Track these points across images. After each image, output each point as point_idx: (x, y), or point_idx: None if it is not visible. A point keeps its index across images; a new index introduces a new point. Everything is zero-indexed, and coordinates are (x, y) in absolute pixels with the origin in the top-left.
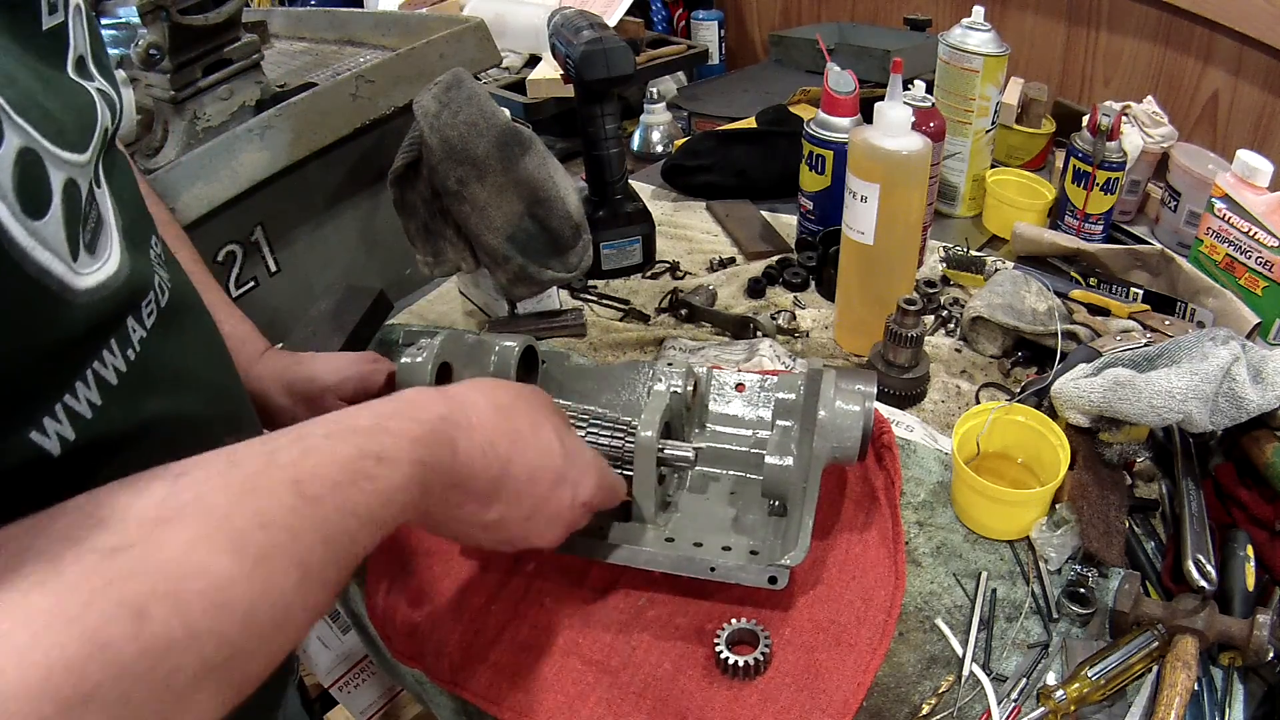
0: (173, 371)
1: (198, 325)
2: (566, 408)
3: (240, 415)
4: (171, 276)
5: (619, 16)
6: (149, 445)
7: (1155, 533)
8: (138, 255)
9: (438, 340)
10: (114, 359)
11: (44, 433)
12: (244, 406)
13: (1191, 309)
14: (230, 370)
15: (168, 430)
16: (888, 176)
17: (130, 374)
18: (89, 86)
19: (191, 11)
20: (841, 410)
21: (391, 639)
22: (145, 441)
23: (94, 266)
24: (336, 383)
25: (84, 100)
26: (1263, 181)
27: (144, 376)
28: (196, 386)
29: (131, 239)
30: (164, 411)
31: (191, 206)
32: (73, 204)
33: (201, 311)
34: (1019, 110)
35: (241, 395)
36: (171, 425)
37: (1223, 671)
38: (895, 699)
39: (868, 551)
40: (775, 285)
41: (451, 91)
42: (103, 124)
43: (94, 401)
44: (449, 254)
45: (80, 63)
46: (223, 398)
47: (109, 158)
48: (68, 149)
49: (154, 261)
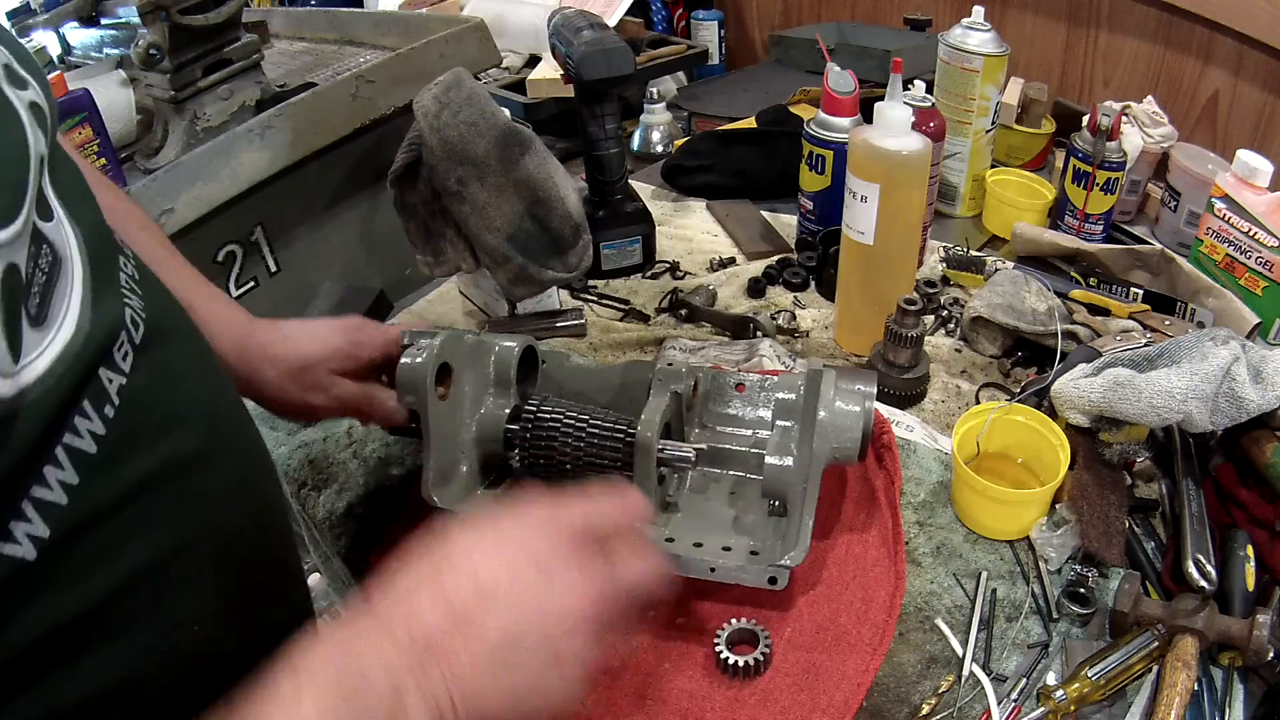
0: (162, 414)
1: (184, 345)
2: (566, 409)
3: (238, 438)
4: (146, 298)
5: (619, 16)
6: (144, 505)
7: (1155, 533)
8: (104, 292)
9: (438, 340)
10: (90, 423)
11: (10, 539)
12: (242, 426)
13: (1191, 309)
14: (222, 385)
15: (164, 483)
16: (888, 176)
17: (113, 433)
18: (18, 102)
19: (191, 11)
20: (841, 410)
21: None
22: (139, 502)
23: (41, 346)
24: (324, 355)
25: (13, 137)
26: (1263, 181)
27: (130, 430)
28: (191, 422)
29: (98, 269)
30: (157, 463)
31: (191, 206)
32: (9, 293)
33: (185, 325)
34: (1019, 110)
35: (237, 411)
36: (168, 475)
37: (1223, 671)
38: (895, 699)
39: (868, 551)
40: (775, 285)
41: (451, 91)
42: (37, 151)
43: (69, 482)
44: (449, 254)
45: (9, 71)
46: (220, 425)
47: (56, 174)
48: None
49: (124, 289)
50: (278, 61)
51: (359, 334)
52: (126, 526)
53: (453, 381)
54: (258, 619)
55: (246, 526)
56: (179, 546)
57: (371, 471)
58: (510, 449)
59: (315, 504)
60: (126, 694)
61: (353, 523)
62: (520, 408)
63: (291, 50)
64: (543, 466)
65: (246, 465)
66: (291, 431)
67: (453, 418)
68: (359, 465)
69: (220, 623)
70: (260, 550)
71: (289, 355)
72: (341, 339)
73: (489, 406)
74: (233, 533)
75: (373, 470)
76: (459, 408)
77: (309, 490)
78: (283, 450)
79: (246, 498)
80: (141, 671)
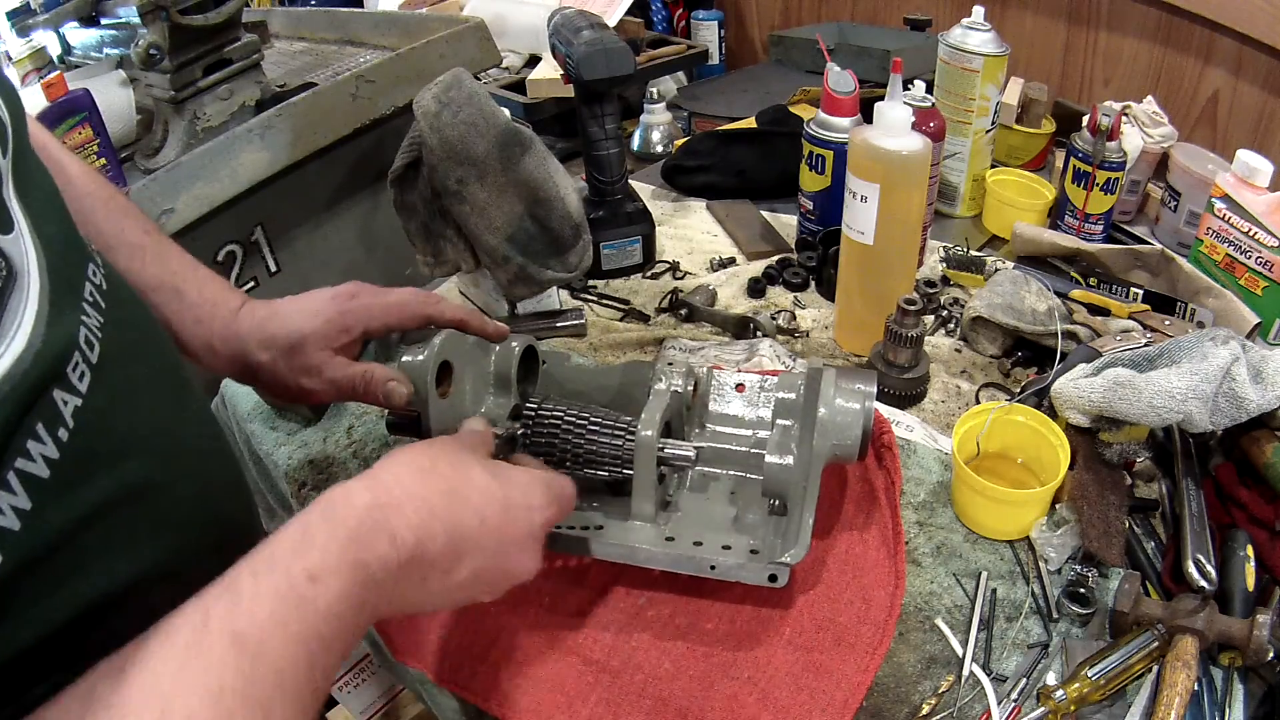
0: (120, 436)
1: (147, 364)
2: (566, 408)
3: (203, 459)
4: (110, 312)
5: (619, 16)
6: (101, 532)
7: (1155, 533)
8: (62, 306)
9: (438, 340)
10: (43, 446)
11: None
12: (207, 446)
13: (1191, 309)
14: (186, 404)
15: (122, 508)
16: (888, 176)
17: (67, 457)
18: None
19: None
20: (842, 408)
21: (392, 638)
22: (95, 529)
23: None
24: (316, 329)
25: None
26: (1263, 181)
27: (86, 453)
28: (151, 445)
29: (58, 282)
30: (115, 487)
31: (191, 206)
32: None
33: (152, 342)
34: (1019, 110)
35: (201, 430)
36: (126, 500)
37: (1223, 671)
38: (895, 699)
39: (868, 551)
40: (775, 285)
41: (451, 91)
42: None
43: (21, 507)
44: (449, 254)
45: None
46: (182, 447)
47: (21, 184)
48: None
49: (86, 304)
50: (278, 61)
51: (351, 302)
52: (83, 553)
53: (453, 380)
54: None
55: (207, 550)
56: (139, 573)
57: None
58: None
59: None
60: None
61: None
62: (520, 407)
63: (291, 50)
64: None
65: (210, 487)
66: (291, 431)
67: (453, 417)
68: (359, 465)
69: None
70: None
71: (280, 334)
72: (333, 309)
73: (489, 406)
74: (194, 557)
75: None
76: (459, 407)
77: (309, 490)
78: (283, 450)
79: (210, 522)
80: None
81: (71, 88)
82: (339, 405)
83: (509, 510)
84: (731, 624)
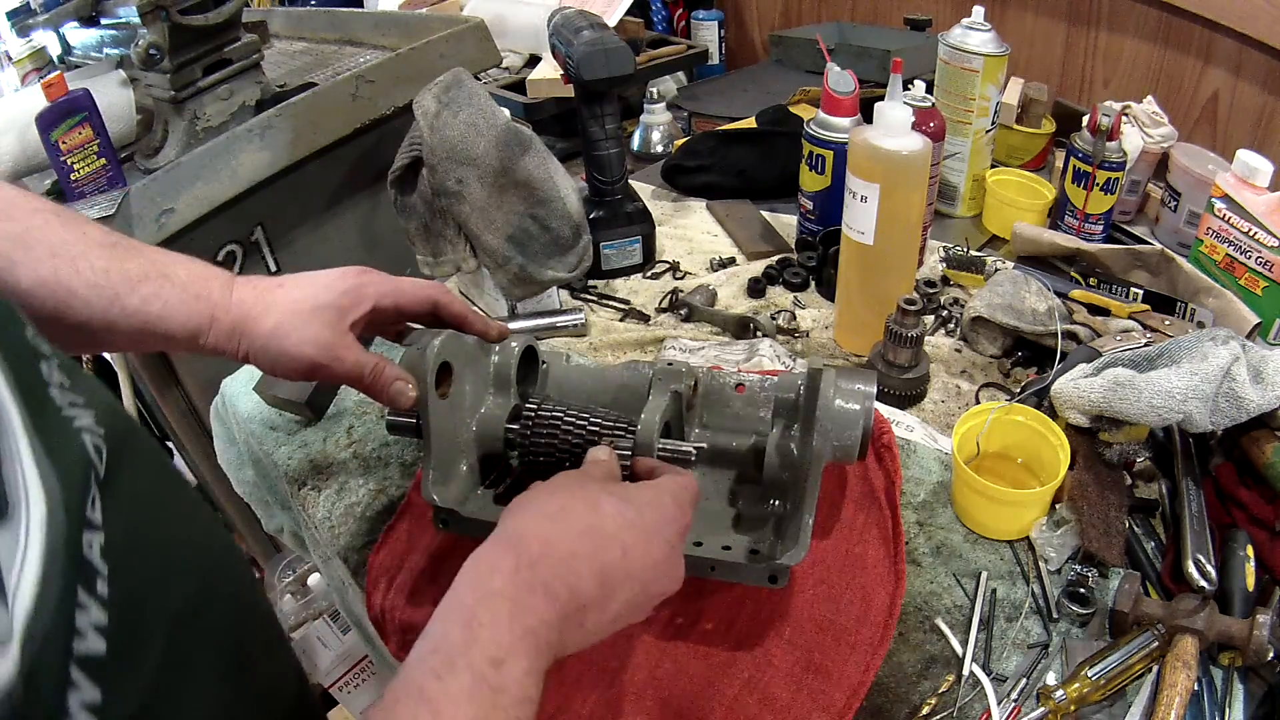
0: (157, 560)
1: (143, 453)
2: (567, 408)
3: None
4: (89, 403)
5: (619, 16)
6: (172, 687)
7: (1155, 533)
8: (51, 428)
9: (438, 340)
10: (89, 614)
11: None
12: (218, 528)
13: (1191, 309)
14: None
15: (183, 646)
16: (888, 176)
17: (115, 613)
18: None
19: (191, 11)
20: (841, 408)
21: (391, 639)
22: (166, 688)
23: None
24: (328, 300)
25: None
26: (1263, 181)
27: (131, 598)
28: (183, 554)
29: (32, 401)
30: (169, 622)
31: (191, 206)
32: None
33: (133, 426)
34: (1019, 110)
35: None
36: (185, 636)
37: (1223, 671)
38: (895, 699)
39: (868, 551)
40: (775, 285)
41: (451, 91)
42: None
43: (93, 703)
44: (449, 254)
45: None
46: (206, 541)
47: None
48: None
49: (67, 409)
50: (278, 61)
51: (361, 277)
52: (170, 700)
53: (453, 381)
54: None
55: (258, 649)
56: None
57: (371, 471)
58: (510, 449)
59: (315, 504)
60: None
61: (352, 522)
62: (520, 407)
63: (291, 50)
64: (543, 466)
65: (239, 578)
66: (291, 431)
67: (453, 417)
68: (359, 465)
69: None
70: (270, 666)
71: (284, 302)
72: (345, 282)
73: (489, 406)
74: (247, 661)
75: (372, 470)
76: (459, 407)
77: (309, 490)
78: (283, 450)
79: (246, 611)
80: None
81: (71, 88)
82: (339, 405)
83: (647, 533)
84: (731, 624)
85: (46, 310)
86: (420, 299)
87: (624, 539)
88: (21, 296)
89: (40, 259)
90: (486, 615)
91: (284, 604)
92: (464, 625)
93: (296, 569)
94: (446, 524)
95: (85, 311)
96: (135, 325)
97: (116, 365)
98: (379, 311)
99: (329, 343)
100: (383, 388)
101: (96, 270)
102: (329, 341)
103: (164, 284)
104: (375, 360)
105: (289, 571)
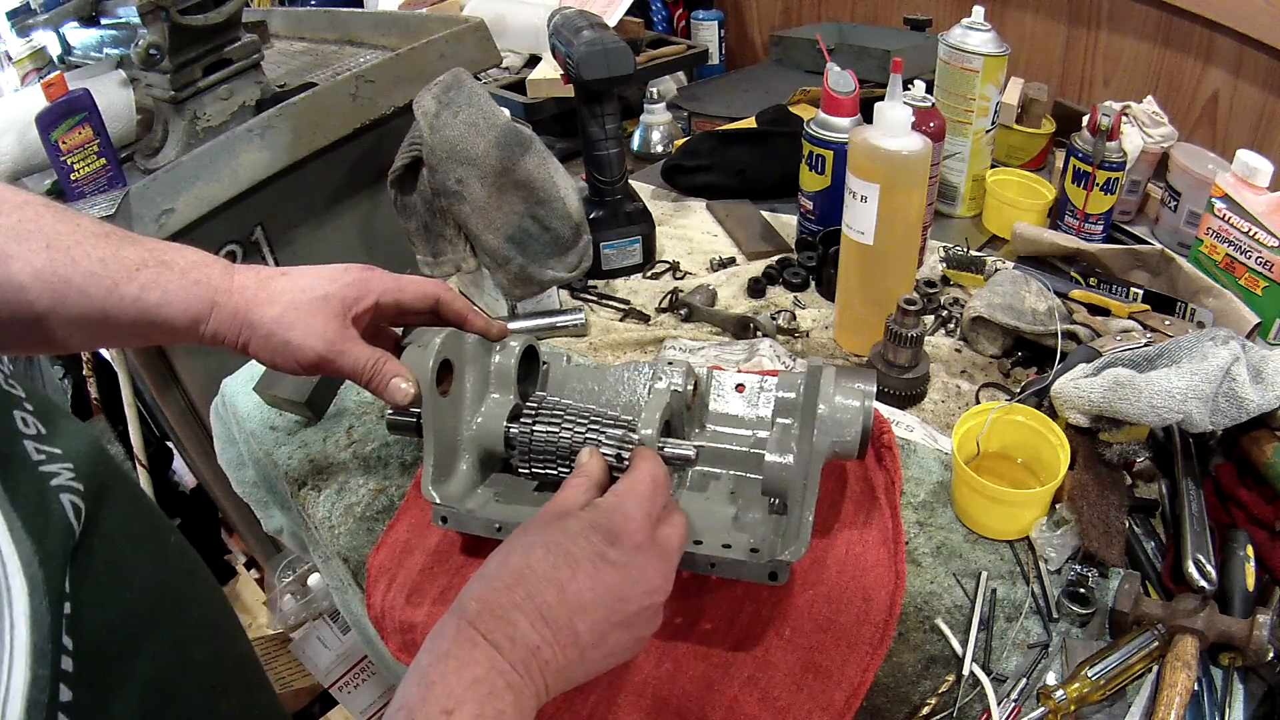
0: (124, 631)
1: (122, 497)
2: (567, 408)
3: (194, 592)
4: (64, 449)
5: (619, 16)
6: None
7: (1155, 533)
8: (27, 493)
9: (439, 339)
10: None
11: None
12: (194, 572)
13: (1191, 309)
14: (167, 535)
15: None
16: (888, 176)
17: (82, 692)
18: None
19: (191, 11)
20: (842, 405)
21: (391, 639)
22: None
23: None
24: (332, 292)
25: None
26: (1263, 181)
27: (100, 677)
28: (152, 611)
29: (8, 464)
30: (142, 690)
31: (191, 206)
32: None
33: (112, 463)
34: (1019, 110)
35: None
36: (157, 701)
37: (1223, 671)
38: (895, 699)
39: (868, 551)
40: (775, 285)
41: (451, 91)
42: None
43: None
44: (449, 254)
45: None
46: (178, 590)
47: None
48: None
49: (42, 463)
50: (278, 61)
51: (366, 272)
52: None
53: (453, 380)
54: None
55: (234, 701)
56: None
57: (371, 471)
58: (510, 448)
59: (315, 504)
60: None
61: (352, 522)
62: (520, 407)
63: (291, 50)
64: (542, 465)
65: (214, 613)
66: (291, 431)
67: (453, 415)
68: (359, 465)
69: None
70: (246, 715)
71: (286, 292)
72: (349, 275)
73: (489, 405)
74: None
75: (372, 470)
76: (459, 406)
77: (309, 490)
78: (283, 450)
79: (221, 667)
80: None
81: (71, 88)
82: (339, 405)
83: (592, 560)
84: (731, 624)
85: (43, 304)
86: (422, 296)
87: (558, 577)
88: (17, 291)
89: (35, 251)
90: (437, 673)
91: (284, 604)
92: (420, 685)
93: (296, 569)
94: (446, 521)
95: (83, 303)
96: (134, 314)
97: (116, 365)
98: (381, 307)
99: (334, 336)
100: (383, 383)
101: (93, 259)
102: (334, 334)
103: (163, 271)
104: (377, 356)
105: (289, 571)
